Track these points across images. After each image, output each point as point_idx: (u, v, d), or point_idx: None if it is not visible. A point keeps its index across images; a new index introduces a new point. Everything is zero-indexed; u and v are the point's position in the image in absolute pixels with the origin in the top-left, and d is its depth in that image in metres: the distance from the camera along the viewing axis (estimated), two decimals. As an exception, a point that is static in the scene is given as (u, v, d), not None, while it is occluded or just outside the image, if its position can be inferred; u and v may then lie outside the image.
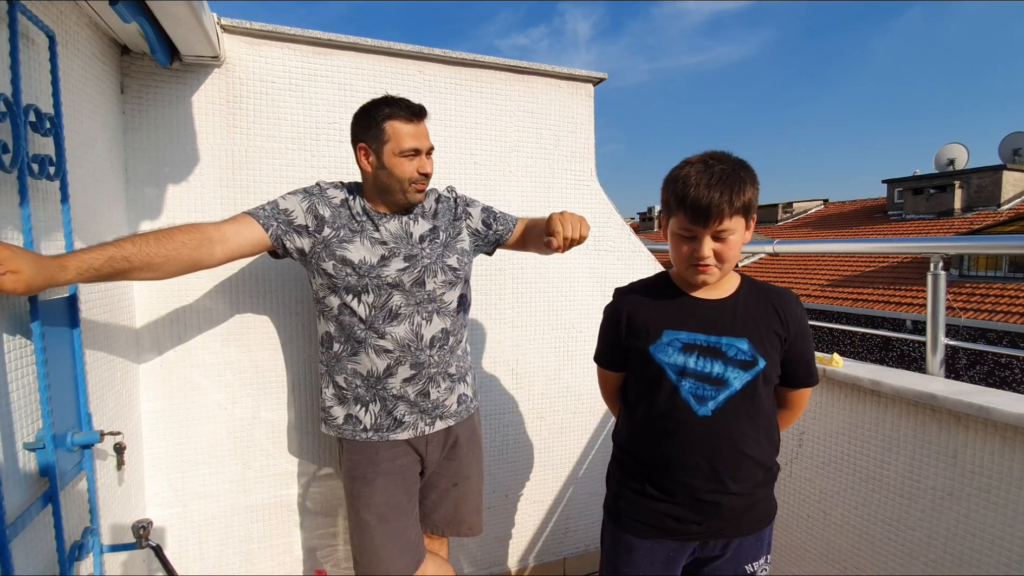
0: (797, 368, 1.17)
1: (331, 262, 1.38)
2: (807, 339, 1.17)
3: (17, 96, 0.91)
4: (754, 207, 1.09)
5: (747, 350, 1.11)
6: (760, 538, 1.20)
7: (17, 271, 0.83)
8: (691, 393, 1.12)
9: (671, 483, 1.15)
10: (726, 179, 1.03)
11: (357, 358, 1.42)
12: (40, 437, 0.98)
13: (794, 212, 21.25)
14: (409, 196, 1.41)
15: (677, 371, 1.13)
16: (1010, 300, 10.32)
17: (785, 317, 1.14)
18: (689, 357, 1.12)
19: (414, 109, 1.39)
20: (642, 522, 1.19)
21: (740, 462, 1.13)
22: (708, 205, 1.02)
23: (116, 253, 1.04)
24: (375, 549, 1.41)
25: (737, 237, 1.08)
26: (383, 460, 1.44)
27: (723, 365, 1.11)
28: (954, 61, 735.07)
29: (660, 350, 1.14)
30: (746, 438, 1.13)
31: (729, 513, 1.15)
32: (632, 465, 1.23)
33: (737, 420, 1.12)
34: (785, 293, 1.18)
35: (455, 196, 1.59)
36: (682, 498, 1.15)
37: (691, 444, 1.13)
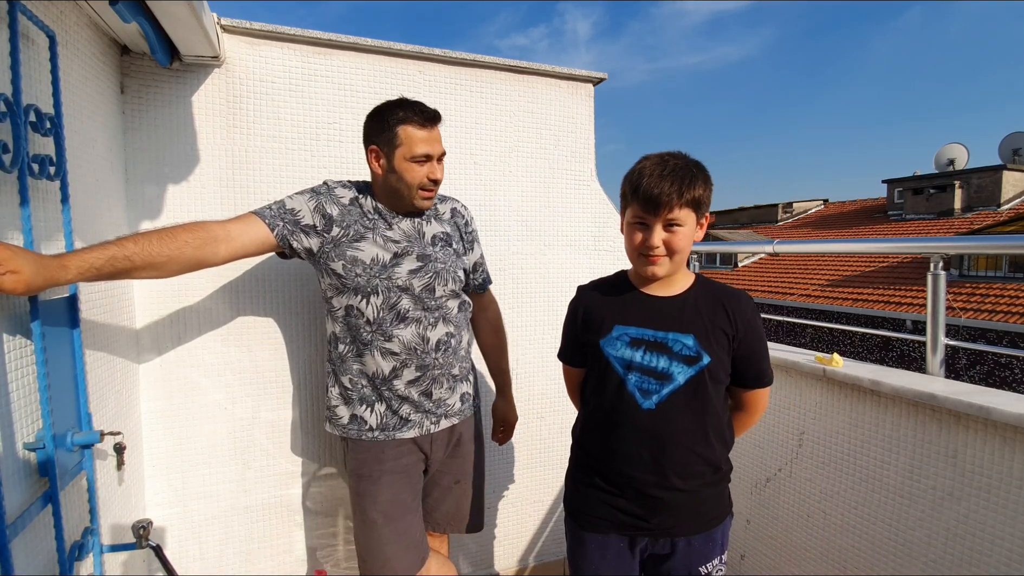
0: (747, 368, 1.18)
1: (340, 262, 1.38)
2: (758, 340, 1.18)
3: (17, 96, 0.91)
4: (705, 205, 1.13)
5: (692, 345, 1.13)
6: (710, 538, 1.20)
7: (17, 271, 0.83)
8: (636, 387, 1.15)
9: (617, 476, 1.19)
10: (678, 172, 1.09)
11: (363, 359, 1.42)
12: (40, 437, 0.98)
13: (794, 212, 21.25)
14: (416, 202, 1.41)
15: (624, 365, 1.16)
16: (1010, 300, 10.32)
17: (733, 315, 1.15)
18: (636, 351, 1.16)
19: (428, 114, 1.38)
20: (592, 515, 1.23)
21: (683, 457, 1.15)
22: (659, 194, 1.07)
23: (118, 252, 1.04)
24: (381, 547, 1.41)
25: (687, 230, 1.11)
26: (389, 459, 1.45)
27: (668, 360, 1.14)
28: (954, 61, 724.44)
29: (609, 344, 1.18)
30: (689, 433, 1.15)
31: (675, 510, 1.16)
32: (584, 459, 1.27)
33: (680, 415, 1.14)
34: (737, 293, 1.20)
35: (470, 220, 1.61)
36: (628, 491, 1.18)
37: (635, 437, 1.16)
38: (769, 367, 1.22)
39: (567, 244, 2.14)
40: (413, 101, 1.40)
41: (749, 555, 2.02)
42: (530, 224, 2.07)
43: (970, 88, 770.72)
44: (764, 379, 1.21)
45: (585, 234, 2.17)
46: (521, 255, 2.07)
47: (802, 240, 4.09)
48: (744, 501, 2.02)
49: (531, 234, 2.08)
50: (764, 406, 1.27)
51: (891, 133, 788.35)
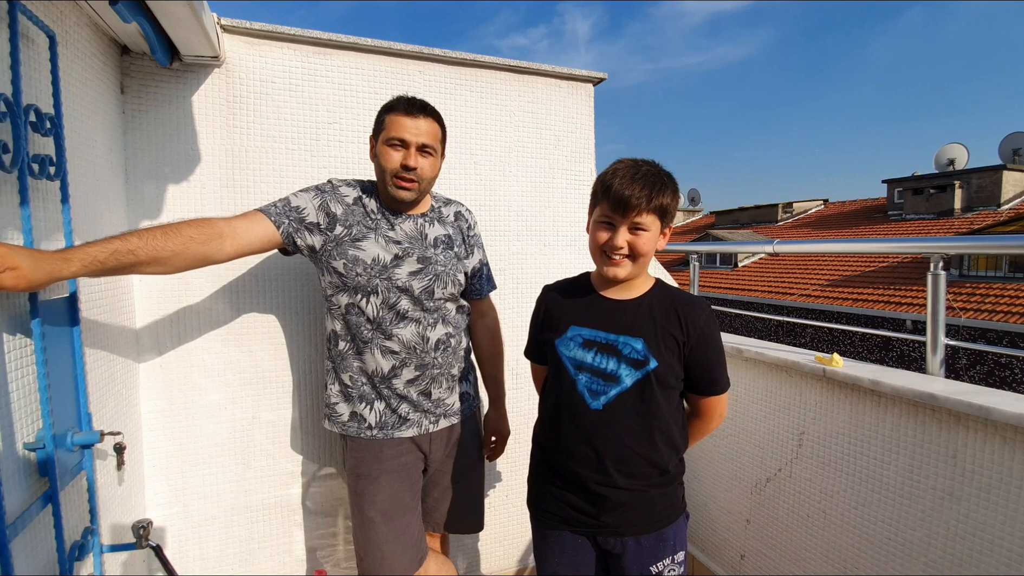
0: (700, 375, 1.20)
1: (342, 260, 1.38)
2: (711, 348, 1.19)
3: (17, 96, 0.91)
4: (670, 214, 1.17)
5: (640, 349, 1.15)
6: (660, 538, 1.21)
7: (15, 267, 0.82)
8: (586, 387, 1.19)
9: (567, 472, 1.21)
10: (650, 178, 1.12)
11: (362, 357, 1.43)
12: (40, 437, 0.98)
13: (794, 212, 21.25)
14: (391, 190, 1.39)
15: (576, 365, 1.20)
16: (1010, 300, 10.32)
17: (686, 322, 1.16)
18: (588, 352, 1.19)
19: (413, 103, 1.39)
20: (547, 511, 1.26)
21: (627, 457, 1.17)
22: (629, 196, 1.10)
23: (121, 246, 1.04)
24: (379, 547, 1.41)
25: (651, 235, 1.14)
26: (388, 458, 1.45)
27: (617, 362, 1.16)
28: (954, 61, 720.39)
29: (563, 344, 1.22)
30: (634, 435, 1.16)
31: (621, 509, 1.19)
32: (540, 456, 1.30)
33: (626, 416, 1.16)
34: (693, 300, 1.20)
35: (473, 224, 1.61)
36: (575, 487, 1.21)
37: (582, 435, 1.19)
38: (724, 375, 1.22)
39: (567, 244, 2.14)
40: (411, 96, 1.42)
41: (749, 555, 2.02)
42: (530, 224, 2.07)
43: (970, 88, 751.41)
44: (717, 387, 1.22)
45: (585, 234, 2.16)
46: (521, 255, 2.07)
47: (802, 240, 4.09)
48: (744, 501, 2.02)
49: (531, 234, 2.08)
50: (720, 413, 1.27)
51: (891, 133, 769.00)
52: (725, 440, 2.10)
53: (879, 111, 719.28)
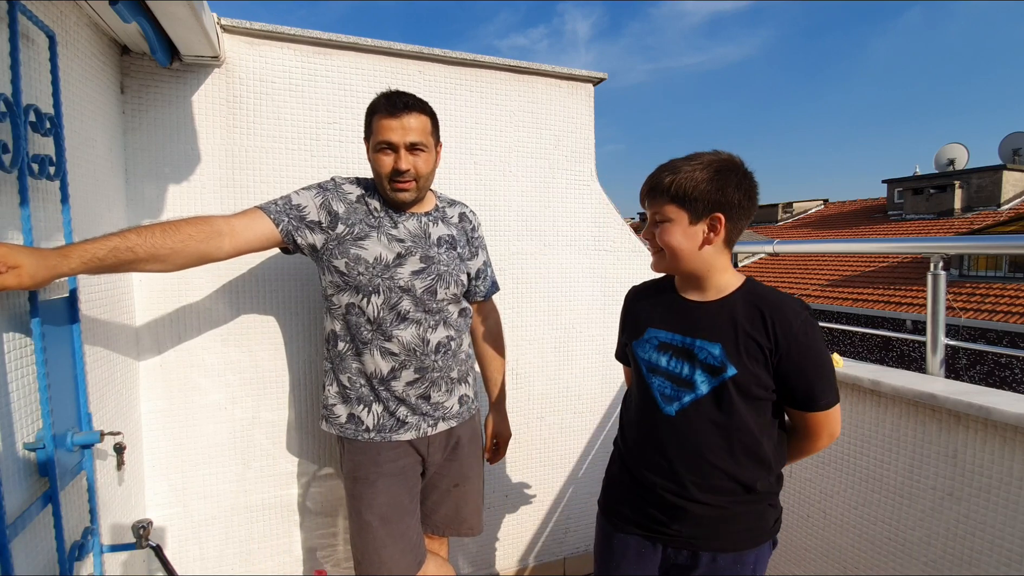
0: (794, 387, 1.06)
1: (343, 259, 1.37)
2: (807, 356, 1.04)
3: (17, 96, 0.91)
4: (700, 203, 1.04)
5: (718, 355, 1.06)
6: (740, 560, 1.12)
7: (17, 266, 0.82)
8: (659, 391, 1.14)
9: (640, 477, 1.18)
10: (663, 167, 1.09)
11: (362, 358, 1.42)
12: (40, 437, 0.98)
13: (794, 212, 21.24)
14: (390, 194, 1.38)
15: (650, 368, 1.16)
16: (1010, 300, 10.32)
17: (773, 327, 1.03)
18: (663, 355, 1.14)
19: (396, 102, 1.34)
20: (618, 512, 1.23)
21: (703, 469, 1.09)
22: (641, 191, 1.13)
23: (120, 243, 1.03)
24: (377, 551, 1.41)
25: (673, 227, 1.07)
26: (385, 461, 1.44)
27: (691, 367, 1.09)
28: (954, 61, 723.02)
29: (640, 346, 1.18)
30: (712, 447, 1.08)
31: (695, 520, 1.11)
32: (617, 457, 1.28)
33: (702, 425, 1.08)
34: (785, 303, 1.06)
35: (477, 225, 1.60)
36: (649, 494, 1.16)
37: (655, 442, 1.14)
38: (827, 388, 1.07)
39: (567, 244, 2.14)
40: (390, 92, 1.38)
41: None
42: (530, 224, 2.07)
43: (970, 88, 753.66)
44: (816, 402, 1.07)
45: (585, 234, 2.17)
46: (521, 255, 2.07)
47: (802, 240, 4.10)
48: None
49: (531, 234, 2.08)
50: (830, 432, 1.12)
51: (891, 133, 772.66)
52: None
53: (879, 111, 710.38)
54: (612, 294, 2.22)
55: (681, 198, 1.05)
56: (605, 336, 2.22)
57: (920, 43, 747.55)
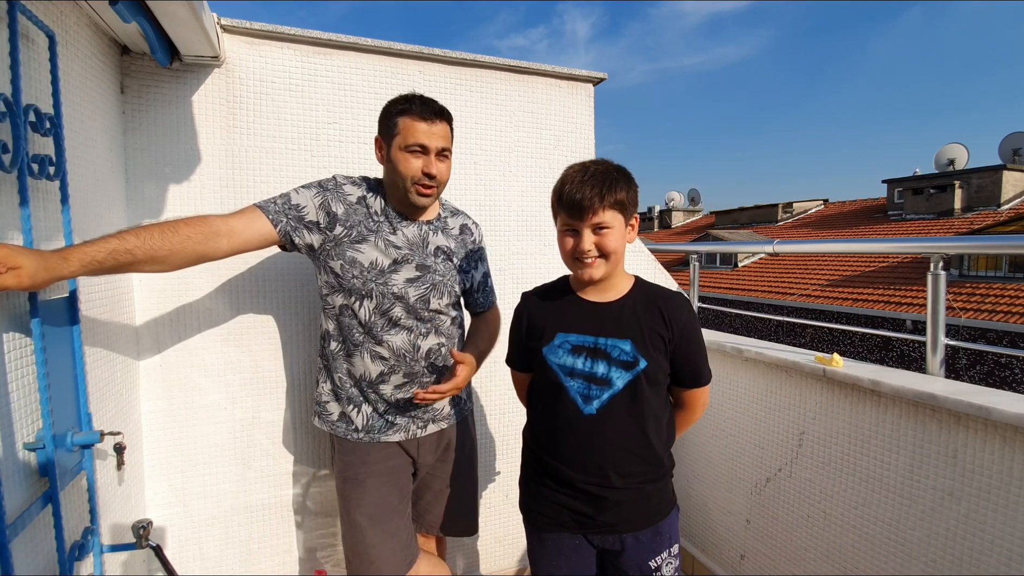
0: (684, 369, 1.22)
1: (339, 261, 1.37)
2: (693, 341, 1.21)
3: (17, 96, 0.91)
4: (631, 207, 1.18)
5: (629, 351, 1.16)
6: (657, 532, 1.23)
7: (18, 267, 0.83)
8: (579, 393, 1.19)
9: (563, 477, 1.21)
10: (599, 177, 1.14)
11: (352, 360, 1.42)
12: (40, 437, 0.98)
13: (794, 212, 21.25)
14: (412, 196, 1.37)
15: (566, 372, 1.20)
16: (1010, 300, 10.32)
17: (669, 319, 1.18)
18: (577, 358, 1.19)
19: (431, 108, 1.36)
20: (544, 515, 1.26)
21: (624, 459, 1.18)
22: (581, 199, 1.12)
23: (119, 246, 1.03)
24: (366, 550, 1.41)
25: (615, 232, 1.15)
26: (374, 461, 1.44)
27: (607, 365, 1.17)
28: (954, 61, 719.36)
29: (552, 351, 1.22)
30: (630, 436, 1.18)
31: (617, 508, 1.19)
32: (533, 460, 1.30)
33: (620, 418, 1.17)
34: (673, 296, 1.22)
35: (479, 238, 1.60)
36: (573, 491, 1.21)
37: (578, 441, 1.19)
38: (707, 367, 1.25)
39: (567, 244, 2.14)
40: (422, 96, 1.38)
41: (749, 555, 2.02)
42: (530, 224, 2.07)
43: (970, 88, 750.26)
44: (701, 379, 1.24)
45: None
46: (521, 255, 2.07)
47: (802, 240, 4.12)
48: (744, 501, 2.02)
49: (531, 234, 2.08)
50: (704, 403, 1.31)
51: (891, 133, 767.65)
52: (725, 440, 2.10)
53: (879, 111, 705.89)
54: (612, 294, 2.22)
55: (620, 204, 1.15)
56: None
57: (920, 43, 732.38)
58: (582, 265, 1.17)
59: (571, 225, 1.17)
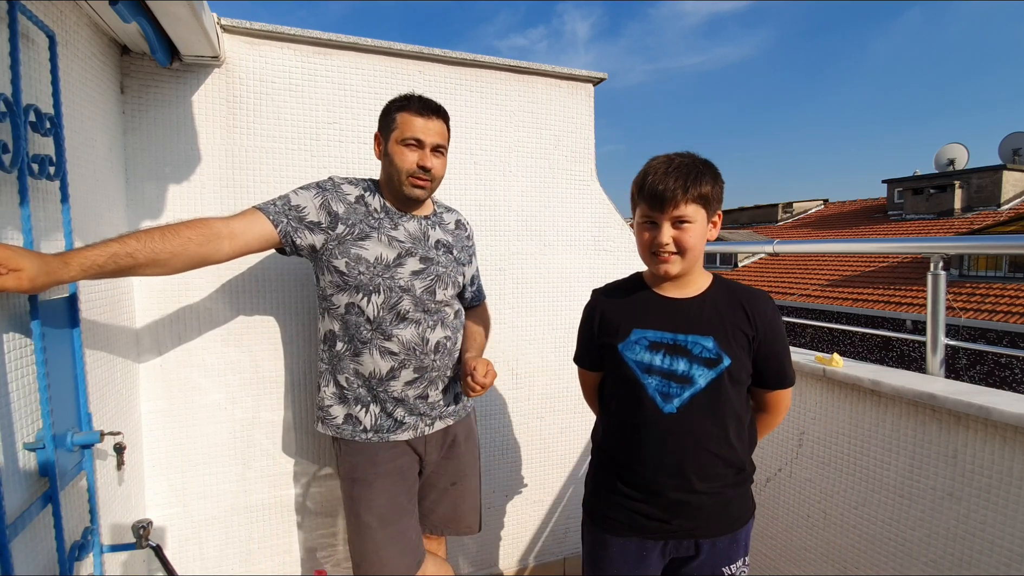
0: (768, 369, 1.17)
1: (344, 259, 1.37)
2: (779, 340, 1.17)
3: (17, 96, 0.91)
4: (714, 202, 1.13)
5: (712, 348, 1.12)
6: (735, 539, 1.19)
7: (19, 269, 0.83)
8: (657, 391, 1.14)
9: (639, 480, 1.17)
10: (684, 169, 1.09)
11: (360, 359, 1.42)
12: (40, 437, 0.98)
13: (794, 212, 21.24)
14: (406, 189, 1.40)
15: (644, 368, 1.15)
16: (1010, 300, 10.32)
17: (753, 316, 1.14)
18: (655, 355, 1.15)
19: (427, 105, 1.40)
20: (613, 519, 1.21)
21: (706, 460, 1.14)
22: (664, 191, 1.08)
23: (120, 249, 1.03)
24: (377, 551, 1.41)
25: (696, 227, 1.11)
26: (383, 461, 1.44)
27: (688, 363, 1.13)
28: (954, 61, 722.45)
29: (628, 348, 1.17)
30: (711, 436, 1.13)
31: (697, 512, 1.15)
32: (606, 462, 1.26)
33: (702, 418, 1.13)
34: (756, 292, 1.18)
35: (471, 233, 1.64)
36: (650, 495, 1.16)
37: (657, 441, 1.15)
38: (791, 367, 1.20)
39: (567, 244, 2.14)
40: (419, 95, 1.42)
41: (749, 555, 2.02)
42: (530, 224, 2.07)
43: (970, 88, 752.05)
44: (786, 380, 1.20)
45: (585, 234, 2.17)
46: (521, 255, 2.07)
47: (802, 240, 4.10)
48: (744, 501, 2.02)
49: (531, 234, 2.08)
50: (787, 406, 1.26)
51: (891, 133, 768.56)
52: (725, 440, 2.10)
53: (879, 111, 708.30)
54: (612, 294, 2.22)
55: (703, 198, 1.10)
56: (605, 336, 2.22)
57: (920, 43, 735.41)
58: (658, 260, 1.13)
59: (650, 217, 1.12)
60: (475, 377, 1.36)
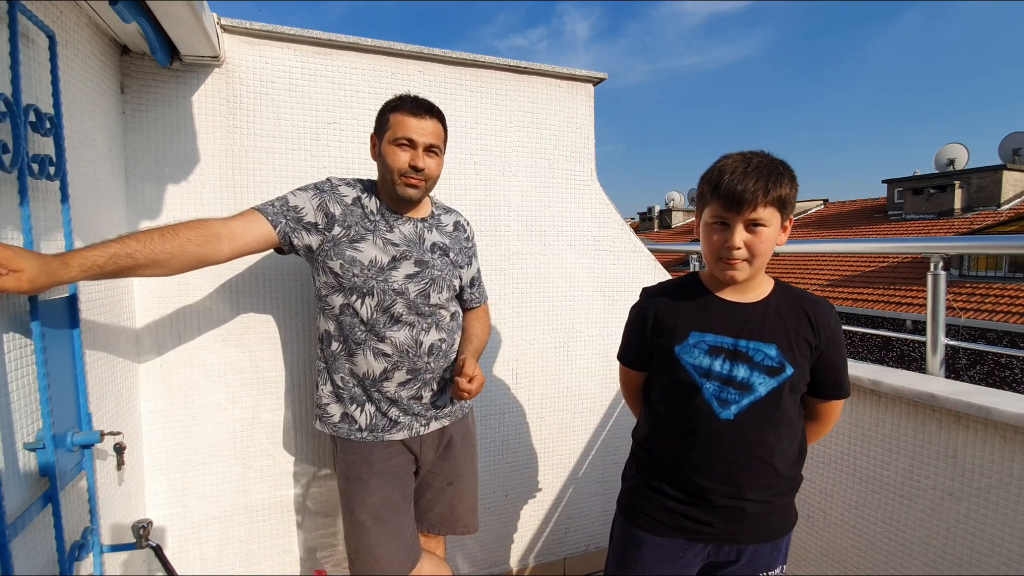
0: (825, 378, 1.14)
1: (339, 261, 1.38)
2: (839, 350, 1.14)
3: (17, 96, 0.91)
4: (790, 205, 1.08)
5: (775, 356, 1.08)
6: (777, 547, 1.18)
7: (19, 270, 0.83)
8: (714, 396, 1.10)
9: (688, 483, 1.14)
10: (763, 169, 1.04)
11: (354, 359, 1.42)
12: (40, 437, 0.98)
13: (794, 212, 21.23)
14: (399, 189, 1.39)
15: (702, 373, 1.11)
16: (1010, 300, 10.32)
17: (817, 325, 1.10)
18: (715, 360, 1.11)
19: (420, 104, 1.39)
20: (654, 518, 1.18)
21: (759, 469, 1.11)
22: (743, 191, 1.02)
23: (120, 250, 1.04)
24: (371, 549, 1.41)
25: (770, 232, 1.06)
26: (378, 460, 1.44)
27: (749, 370, 1.09)
28: (954, 61, 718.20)
29: (686, 351, 1.13)
30: (767, 445, 1.10)
31: (745, 519, 1.13)
32: (650, 462, 1.22)
33: (760, 426, 1.10)
34: (820, 301, 1.14)
35: (471, 235, 1.62)
36: (698, 499, 1.13)
37: (711, 447, 1.11)
38: (848, 379, 1.16)
39: (567, 244, 2.14)
40: (413, 95, 1.42)
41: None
42: (530, 224, 2.07)
43: (970, 88, 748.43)
44: (842, 391, 1.16)
45: (585, 234, 2.17)
46: (521, 255, 2.07)
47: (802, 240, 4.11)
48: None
49: (531, 234, 2.08)
50: (837, 417, 1.23)
51: (891, 133, 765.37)
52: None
53: (879, 111, 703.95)
54: (612, 294, 2.22)
55: (781, 202, 1.05)
56: (605, 336, 2.22)
57: (920, 43, 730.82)
58: (725, 265, 1.08)
59: (723, 218, 1.06)
60: (459, 383, 1.35)
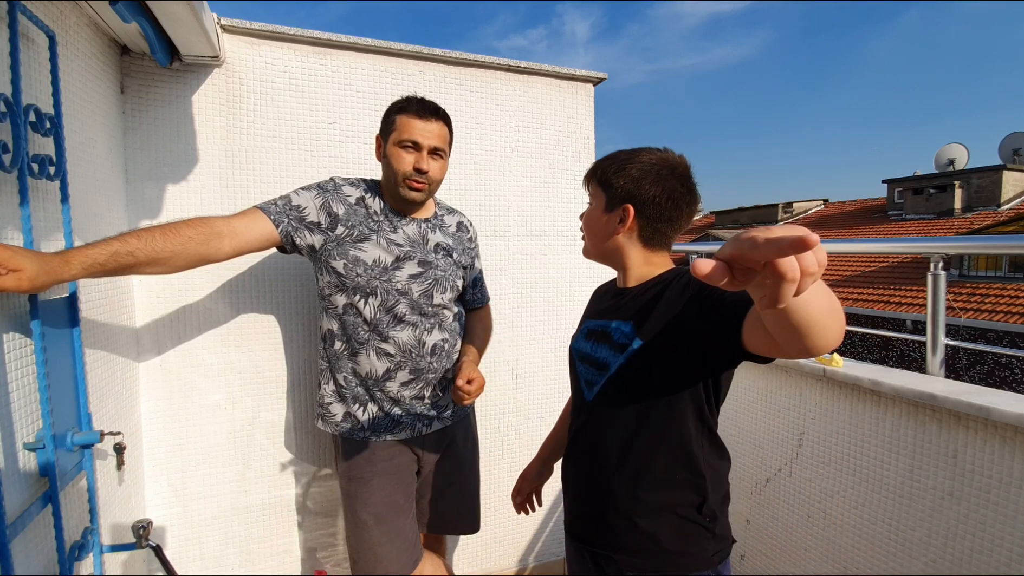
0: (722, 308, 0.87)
1: (342, 261, 1.38)
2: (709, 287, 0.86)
3: (17, 96, 0.91)
4: (611, 186, 1.04)
5: (628, 332, 1.00)
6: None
7: (19, 269, 0.83)
8: (583, 378, 1.11)
9: (567, 473, 1.16)
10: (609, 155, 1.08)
11: (357, 359, 1.42)
12: (40, 437, 0.98)
13: (794, 212, 21.24)
14: (403, 192, 1.39)
15: (580, 357, 1.13)
16: (1010, 300, 10.32)
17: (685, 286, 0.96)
18: (588, 343, 1.11)
19: (426, 106, 1.39)
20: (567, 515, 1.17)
21: (613, 454, 1.01)
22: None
23: (121, 248, 1.04)
24: (373, 549, 1.41)
25: (592, 210, 1.10)
26: (380, 460, 1.44)
27: (608, 349, 1.04)
28: (954, 62, 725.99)
29: (575, 338, 1.17)
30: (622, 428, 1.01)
31: (608, 515, 1.02)
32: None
33: (614, 407, 1.03)
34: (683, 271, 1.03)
35: (474, 236, 1.62)
36: (575, 499, 1.13)
37: (577, 432, 1.12)
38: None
39: (567, 244, 2.14)
40: (418, 96, 1.42)
41: (749, 555, 2.02)
42: (530, 224, 2.07)
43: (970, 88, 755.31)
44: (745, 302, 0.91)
45: (585, 234, 2.17)
46: (521, 255, 2.07)
47: (802, 240, 4.14)
48: (744, 501, 2.02)
49: (531, 234, 2.08)
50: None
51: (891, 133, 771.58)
52: (725, 440, 2.10)
53: (879, 111, 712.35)
54: (612, 294, 2.22)
55: (604, 182, 1.06)
56: (605, 336, 2.22)
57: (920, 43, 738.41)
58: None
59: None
60: (459, 387, 1.34)
